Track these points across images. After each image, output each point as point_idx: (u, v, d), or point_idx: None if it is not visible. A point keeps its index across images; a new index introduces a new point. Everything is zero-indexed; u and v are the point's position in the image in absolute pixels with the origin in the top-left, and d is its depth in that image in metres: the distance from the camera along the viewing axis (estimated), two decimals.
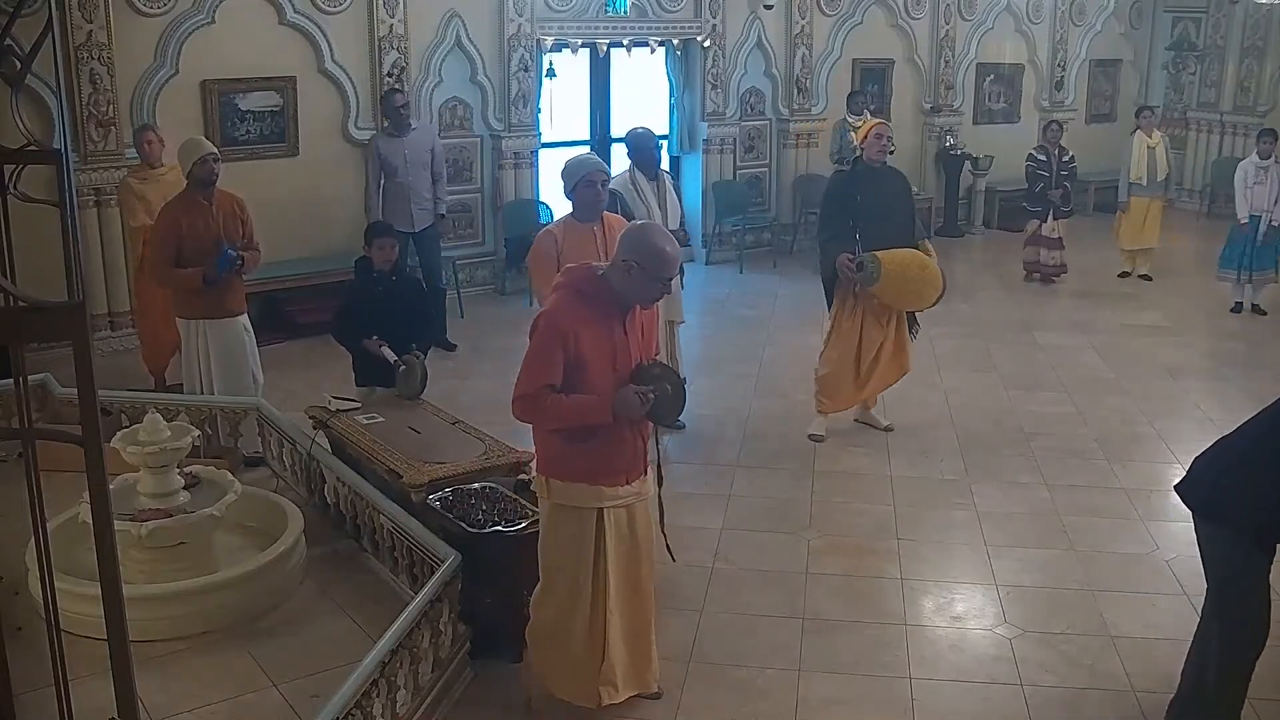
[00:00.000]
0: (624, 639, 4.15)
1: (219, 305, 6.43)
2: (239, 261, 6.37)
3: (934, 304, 7.00)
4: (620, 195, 6.73)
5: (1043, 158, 11.07)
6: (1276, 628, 4.04)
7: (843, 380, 7.01)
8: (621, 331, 3.97)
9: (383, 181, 9.02)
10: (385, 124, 9.14)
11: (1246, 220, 9.98)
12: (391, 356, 6.04)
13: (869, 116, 11.87)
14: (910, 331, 7.15)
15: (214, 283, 6.31)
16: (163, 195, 6.95)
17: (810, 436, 7.05)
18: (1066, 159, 11.12)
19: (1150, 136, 11.05)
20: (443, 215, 9.30)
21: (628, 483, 4.04)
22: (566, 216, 5.84)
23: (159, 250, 6.36)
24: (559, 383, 3.86)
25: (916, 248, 6.87)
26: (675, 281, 6.82)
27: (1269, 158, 9.87)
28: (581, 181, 5.64)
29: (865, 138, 6.96)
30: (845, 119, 11.75)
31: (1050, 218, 11.04)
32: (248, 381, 6.62)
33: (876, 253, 6.61)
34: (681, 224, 6.96)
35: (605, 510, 4.01)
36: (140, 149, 7.60)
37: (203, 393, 6.52)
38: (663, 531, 4.25)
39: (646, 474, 4.14)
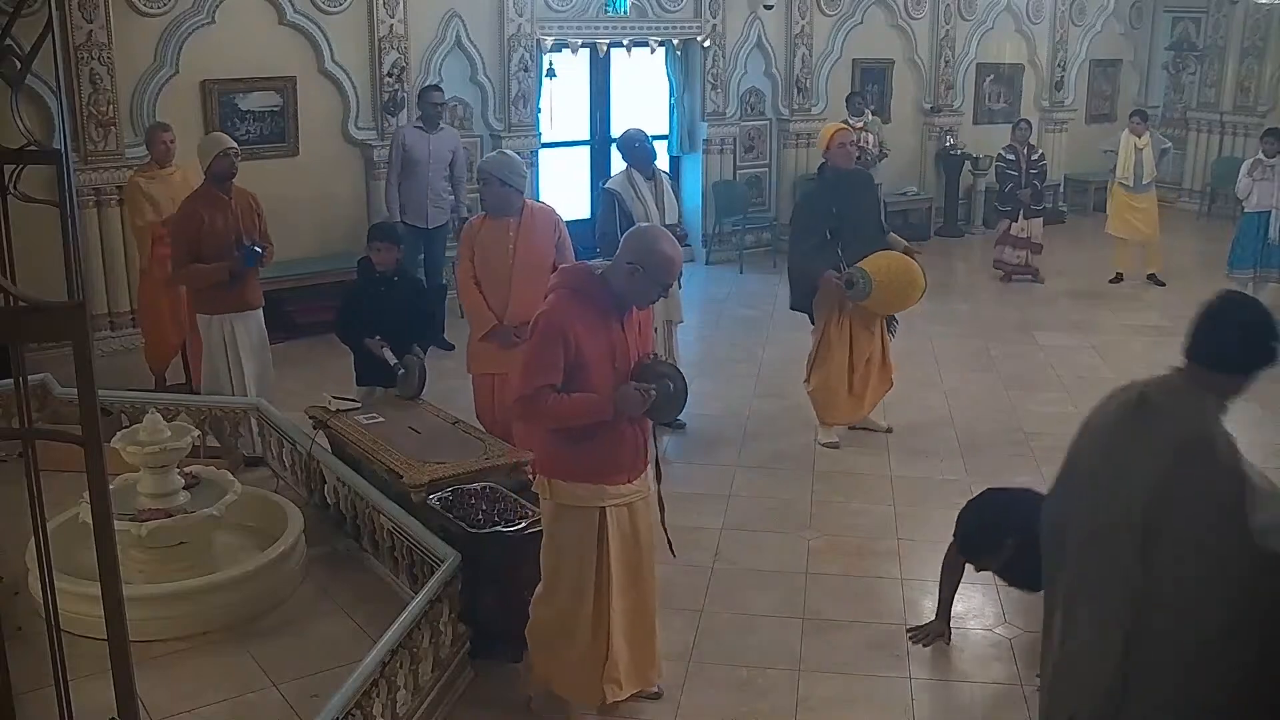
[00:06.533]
0: (627, 636, 4.15)
1: (241, 299, 6.50)
2: (262, 256, 6.47)
3: (917, 301, 6.92)
4: (618, 195, 6.74)
5: (1011, 157, 11.05)
6: None
7: (838, 394, 6.90)
8: (620, 330, 3.97)
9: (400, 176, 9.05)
10: (415, 117, 9.23)
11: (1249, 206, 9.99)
12: (392, 359, 6.05)
13: (869, 117, 11.90)
14: (889, 330, 7.07)
15: (239, 277, 6.38)
16: (170, 195, 6.95)
17: (824, 445, 6.95)
18: (1036, 158, 11.09)
19: (1139, 138, 10.97)
20: (465, 218, 9.37)
21: (629, 481, 4.05)
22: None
23: (182, 247, 6.38)
24: (559, 382, 3.86)
25: (888, 246, 6.79)
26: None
27: (1275, 156, 9.87)
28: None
29: (829, 146, 6.73)
30: (846, 121, 11.71)
31: (1020, 217, 11.02)
32: (271, 372, 6.73)
33: (863, 266, 6.52)
34: (680, 221, 6.93)
35: (607, 509, 4.01)
36: (155, 148, 7.54)
37: (232, 387, 6.56)
38: (664, 526, 4.26)
39: (647, 472, 4.14)
